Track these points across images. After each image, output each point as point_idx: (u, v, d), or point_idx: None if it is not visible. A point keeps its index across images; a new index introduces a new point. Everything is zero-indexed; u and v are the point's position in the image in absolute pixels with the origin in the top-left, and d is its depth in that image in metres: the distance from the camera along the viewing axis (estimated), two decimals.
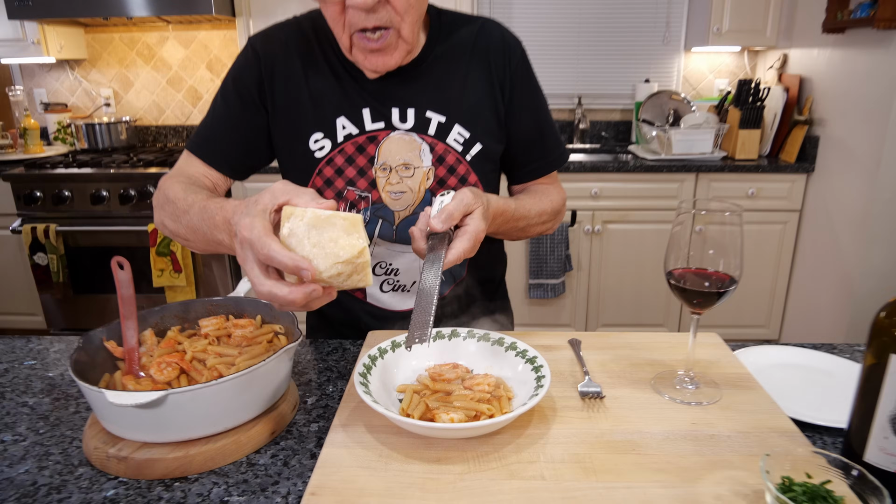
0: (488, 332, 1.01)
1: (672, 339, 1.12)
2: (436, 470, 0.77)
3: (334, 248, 0.76)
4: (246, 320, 1.09)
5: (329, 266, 0.76)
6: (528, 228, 1.18)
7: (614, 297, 3.34)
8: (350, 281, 0.79)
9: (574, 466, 0.77)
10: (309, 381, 1.08)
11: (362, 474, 0.76)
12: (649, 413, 0.89)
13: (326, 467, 0.78)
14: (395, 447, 0.81)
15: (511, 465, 0.77)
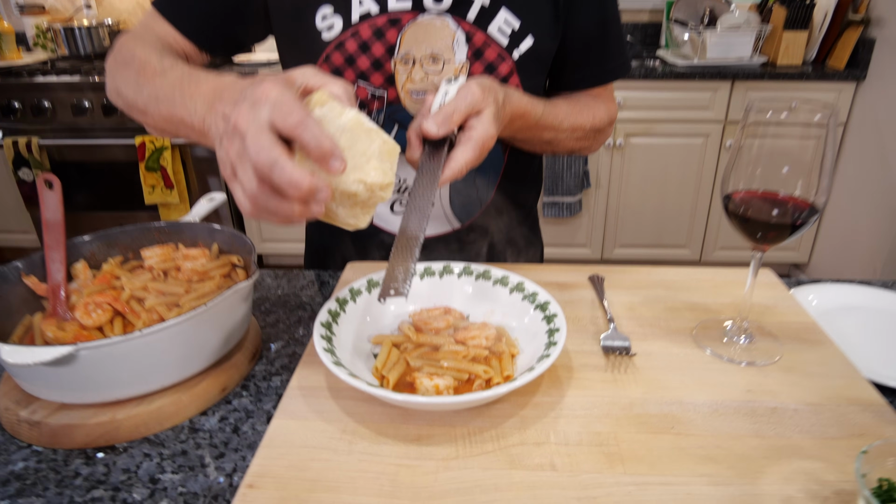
0: (489, 269, 0.81)
1: (716, 275, 0.92)
2: (414, 453, 0.59)
3: (363, 164, 0.59)
4: (198, 250, 0.90)
5: (350, 180, 0.59)
6: (557, 142, 0.94)
7: (634, 216, 3.12)
8: (350, 211, 0.62)
9: (594, 451, 0.59)
10: (276, 323, 0.90)
11: (318, 458, 0.59)
12: (691, 376, 0.70)
13: (273, 447, 0.60)
14: (365, 419, 0.63)
15: (512, 449, 0.59)
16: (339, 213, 0.60)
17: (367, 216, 0.62)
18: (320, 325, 0.68)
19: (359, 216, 0.62)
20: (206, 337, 0.72)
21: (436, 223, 1.01)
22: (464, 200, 0.99)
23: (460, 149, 0.69)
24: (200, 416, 0.70)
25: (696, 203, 3.04)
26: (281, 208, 0.52)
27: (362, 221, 0.62)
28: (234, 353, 0.78)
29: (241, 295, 0.76)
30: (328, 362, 0.61)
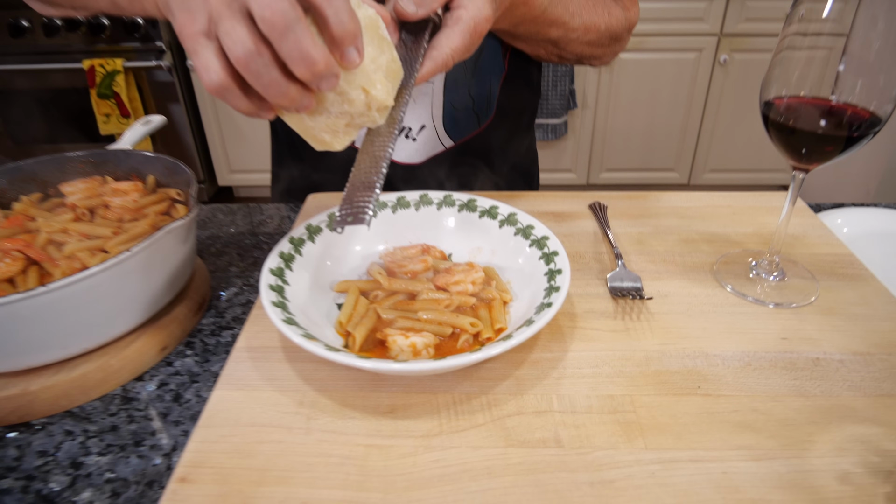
0: (474, 198, 0.67)
1: (735, 201, 0.80)
2: (387, 430, 0.48)
3: (371, 72, 0.47)
4: (130, 184, 0.76)
5: (353, 84, 0.47)
6: (566, 43, 0.78)
7: (622, 138, 2.98)
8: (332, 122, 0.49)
9: (608, 421, 0.48)
10: (228, 266, 0.77)
11: (269, 440, 0.47)
12: (716, 321, 0.59)
13: (213, 426, 0.49)
14: (327, 387, 0.52)
15: (507, 421, 0.48)
16: (319, 121, 0.48)
17: (347, 138, 0.50)
18: (269, 272, 0.55)
19: (338, 133, 0.49)
20: (138, 287, 0.60)
21: (426, 144, 0.86)
22: (459, 115, 0.84)
23: (446, 33, 0.54)
24: (135, 383, 0.59)
25: (687, 123, 2.90)
26: (274, 86, 0.42)
27: (339, 142, 0.50)
28: (175, 305, 0.66)
29: (177, 236, 0.63)
30: (277, 320, 0.49)
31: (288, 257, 0.58)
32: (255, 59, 0.40)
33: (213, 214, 0.89)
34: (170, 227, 0.60)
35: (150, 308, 0.62)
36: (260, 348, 0.56)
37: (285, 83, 0.41)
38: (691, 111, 2.87)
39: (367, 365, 0.45)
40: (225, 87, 0.42)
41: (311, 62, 0.40)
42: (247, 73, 0.41)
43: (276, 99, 0.42)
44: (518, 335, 0.48)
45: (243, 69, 0.40)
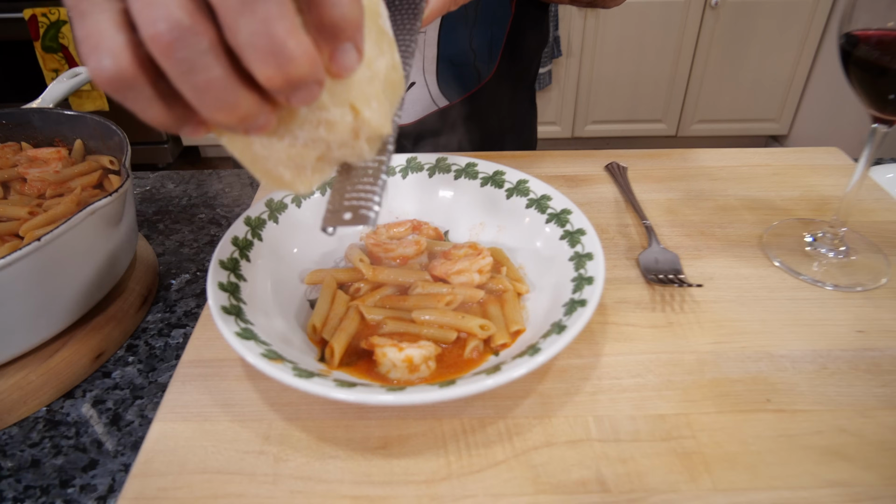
0: (474, 161, 0.55)
1: (773, 158, 0.68)
2: (379, 474, 0.37)
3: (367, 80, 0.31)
4: (51, 150, 0.63)
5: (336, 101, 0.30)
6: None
7: (608, 88, 2.84)
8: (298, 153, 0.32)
9: (662, 451, 0.38)
10: (180, 247, 0.64)
11: (224, 494, 0.36)
12: (775, 311, 0.48)
13: (150, 475, 0.37)
14: (298, 415, 0.40)
15: (534, 455, 0.37)
16: (276, 149, 0.31)
17: (318, 177, 0.33)
18: (219, 266, 0.43)
19: (304, 169, 0.32)
20: (61, 282, 0.48)
21: (416, 103, 0.72)
22: (456, 71, 0.71)
23: None
24: (62, 402, 0.48)
25: (676, 71, 2.77)
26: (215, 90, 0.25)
27: (302, 182, 0.33)
28: (111, 301, 0.55)
29: (106, 216, 0.50)
30: (229, 333, 0.37)
31: (244, 244, 0.46)
32: (187, 39, 0.24)
33: (160, 184, 0.76)
34: (94, 206, 0.47)
35: (79, 306, 0.51)
36: (213, 362, 0.44)
37: (234, 87, 0.25)
38: (680, 58, 2.74)
39: (351, 398, 0.33)
40: (126, 81, 0.25)
41: (286, 56, 0.24)
42: (169, 63, 0.24)
43: (213, 110, 0.26)
44: (546, 347, 0.36)
45: (163, 55, 0.24)
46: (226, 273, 0.42)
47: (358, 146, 0.32)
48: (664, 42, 2.72)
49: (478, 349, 0.42)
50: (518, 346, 0.41)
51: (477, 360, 0.41)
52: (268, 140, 0.30)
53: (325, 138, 0.30)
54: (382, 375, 0.40)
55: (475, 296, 0.45)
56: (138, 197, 0.73)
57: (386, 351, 0.40)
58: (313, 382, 0.34)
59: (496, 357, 0.41)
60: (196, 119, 0.27)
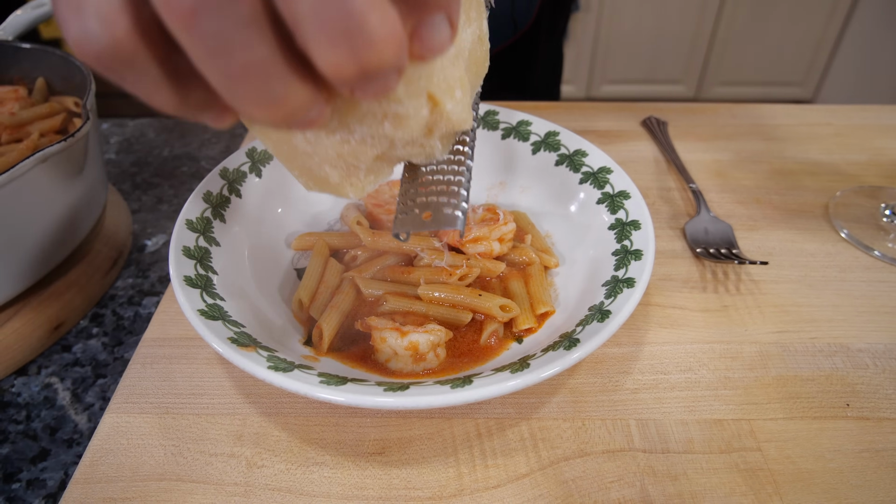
0: (495, 110, 0.47)
1: (834, 116, 0.60)
2: (375, 487, 0.30)
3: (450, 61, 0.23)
4: (8, 89, 0.56)
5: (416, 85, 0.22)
6: None
7: (626, 47, 2.71)
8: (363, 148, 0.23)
9: (720, 466, 0.31)
10: (158, 204, 0.58)
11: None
12: (848, 295, 0.41)
13: (96, 481, 0.30)
14: (279, 409, 0.33)
15: (564, 467, 0.30)
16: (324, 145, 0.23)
17: (371, 180, 0.25)
18: (186, 226, 0.35)
19: (357, 170, 0.25)
20: (9, 241, 0.41)
21: None
22: (494, 24, 0.62)
23: None
24: (13, 379, 0.42)
25: (699, 29, 2.64)
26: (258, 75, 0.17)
27: (354, 187, 0.25)
28: (74, 264, 0.49)
29: (60, 165, 0.43)
30: (190, 310, 0.29)
31: (218, 201, 0.38)
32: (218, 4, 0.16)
33: (139, 133, 0.68)
34: (46, 153, 0.40)
35: (34, 269, 0.45)
36: (181, 340, 0.37)
37: (282, 75, 0.18)
38: (704, 16, 2.60)
39: (340, 398, 0.26)
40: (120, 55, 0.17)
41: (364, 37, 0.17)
42: (190, 37, 0.17)
43: (250, 103, 0.18)
44: (586, 339, 0.29)
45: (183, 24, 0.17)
46: (194, 235, 0.35)
47: (430, 144, 0.24)
48: None
49: (497, 335, 0.35)
50: (546, 332, 0.34)
51: (496, 349, 0.34)
52: (315, 134, 0.22)
53: (390, 135, 0.22)
54: (381, 365, 0.33)
55: (495, 269, 0.37)
56: (114, 146, 0.66)
57: (386, 335, 0.32)
58: (292, 377, 0.27)
59: (519, 345, 0.34)
60: (221, 106, 0.19)
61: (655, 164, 0.53)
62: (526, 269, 0.38)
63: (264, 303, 0.35)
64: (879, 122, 0.59)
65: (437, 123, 0.24)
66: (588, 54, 2.82)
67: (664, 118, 0.58)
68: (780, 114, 0.60)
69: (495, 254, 0.39)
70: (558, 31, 0.77)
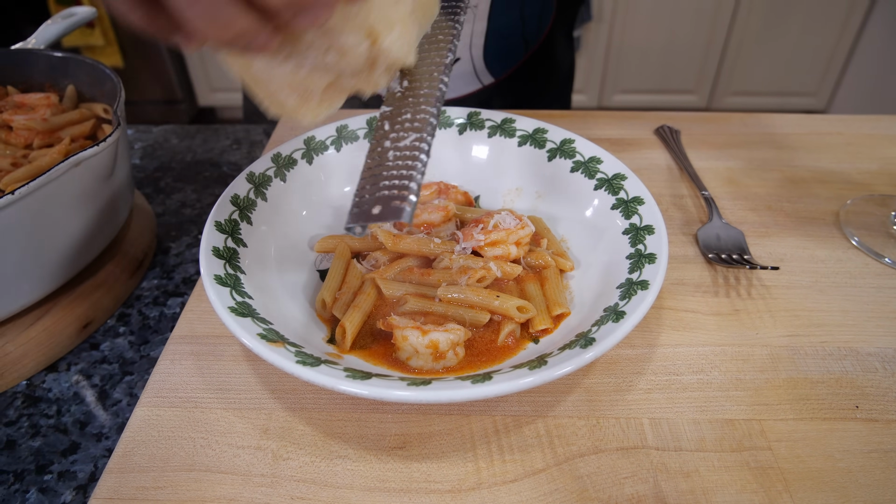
0: (511, 118, 0.48)
1: (847, 126, 0.61)
2: (396, 479, 0.31)
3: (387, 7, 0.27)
4: (40, 96, 0.58)
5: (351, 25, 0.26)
6: None
7: (638, 57, 2.72)
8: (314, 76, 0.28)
9: (731, 464, 0.31)
10: (181, 208, 0.59)
11: (214, 498, 0.30)
12: (858, 300, 0.42)
13: (129, 470, 0.32)
14: (303, 404, 0.35)
15: (579, 464, 0.31)
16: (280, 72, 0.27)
17: (325, 107, 0.29)
18: (215, 228, 0.37)
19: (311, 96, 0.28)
20: (43, 242, 0.43)
21: (458, 80, 0.66)
22: (504, 43, 0.64)
23: None
24: (44, 375, 0.43)
25: (711, 39, 2.64)
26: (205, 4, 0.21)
27: (309, 110, 0.29)
28: (101, 265, 0.51)
29: (93, 170, 0.45)
30: (222, 308, 0.31)
31: (245, 204, 0.40)
32: None
33: (164, 139, 0.70)
34: (80, 157, 0.42)
35: (64, 270, 0.47)
36: (208, 338, 0.39)
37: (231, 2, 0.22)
38: (716, 27, 2.61)
39: (364, 392, 0.27)
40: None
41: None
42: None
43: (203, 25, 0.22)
44: (602, 338, 0.30)
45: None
46: (223, 237, 0.36)
47: (373, 76, 0.27)
48: (700, 8, 2.59)
49: (514, 335, 0.36)
50: (562, 332, 0.35)
51: (513, 348, 0.35)
52: (270, 61, 0.26)
53: (336, 65, 0.26)
54: (402, 362, 0.34)
55: (512, 272, 0.39)
56: (139, 152, 0.68)
57: (407, 334, 0.34)
58: (319, 371, 0.28)
59: (536, 345, 0.35)
60: (186, 31, 0.23)
61: (668, 171, 0.54)
62: (542, 272, 0.40)
63: (289, 301, 0.37)
64: (890, 131, 0.60)
65: (378, 57, 0.27)
66: (600, 64, 2.83)
67: (677, 127, 0.59)
68: (791, 123, 0.61)
69: (512, 257, 0.40)
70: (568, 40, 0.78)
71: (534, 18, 0.67)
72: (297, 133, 0.51)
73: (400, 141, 0.29)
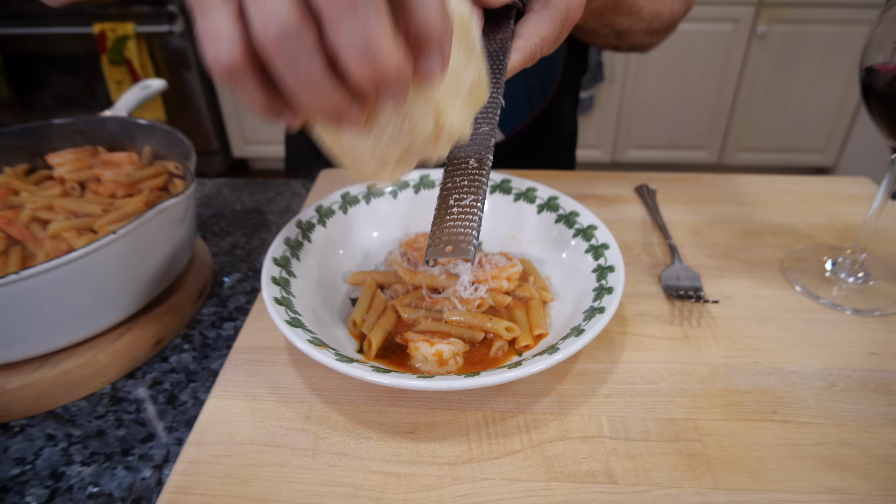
0: (508, 178, 0.59)
1: (801, 186, 0.70)
2: (407, 454, 0.41)
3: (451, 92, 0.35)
4: (124, 155, 0.69)
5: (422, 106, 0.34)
6: (629, 34, 0.71)
7: (649, 114, 2.84)
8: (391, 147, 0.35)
9: (669, 451, 0.40)
10: (233, 248, 0.70)
11: (269, 462, 0.40)
12: (790, 330, 0.51)
13: (205, 443, 0.42)
14: (338, 398, 0.44)
15: (549, 447, 0.41)
16: (363, 143, 0.34)
17: (399, 171, 0.36)
18: (273, 262, 0.48)
19: (388, 164, 0.35)
20: (129, 273, 0.53)
21: None
22: (511, 106, 0.76)
23: (533, 18, 0.44)
24: (125, 381, 0.53)
25: (719, 99, 2.76)
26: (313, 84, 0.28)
27: (386, 174, 0.36)
28: (171, 293, 0.59)
29: (172, 215, 0.56)
30: (280, 321, 0.41)
31: (295, 244, 0.51)
32: (292, 39, 0.26)
33: (217, 190, 0.82)
34: (163, 206, 0.52)
35: (144, 296, 0.55)
36: (262, 349, 0.49)
37: (331, 84, 0.28)
38: (724, 86, 2.73)
39: (385, 381, 0.38)
40: (237, 70, 0.28)
41: (378, 59, 0.27)
42: (275, 58, 0.27)
43: (310, 101, 0.29)
44: (565, 347, 0.40)
45: (272, 51, 0.27)
46: (278, 269, 0.47)
47: (438, 147, 0.35)
48: (708, 70, 2.71)
49: (503, 349, 0.46)
50: (540, 348, 0.45)
51: (502, 359, 0.45)
52: (356, 134, 0.33)
53: (408, 138, 0.33)
54: (414, 368, 0.44)
55: (503, 301, 0.49)
56: (197, 201, 0.79)
57: (418, 345, 0.44)
58: (353, 367, 0.38)
59: (519, 357, 0.45)
60: (294, 109, 0.30)
61: (643, 223, 0.64)
62: (528, 301, 0.50)
63: (328, 320, 0.47)
64: (840, 191, 0.69)
65: (441, 132, 0.34)
66: (613, 121, 2.94)
67: (654, 186, 0.69)
68: (753, 182, 0.71)
69: (504, 289, 0.50)
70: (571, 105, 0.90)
71: (537, 86, 0.78)
72: (335, 189, 0.62)
73: (462, 200, 0.38)
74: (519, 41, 0.42)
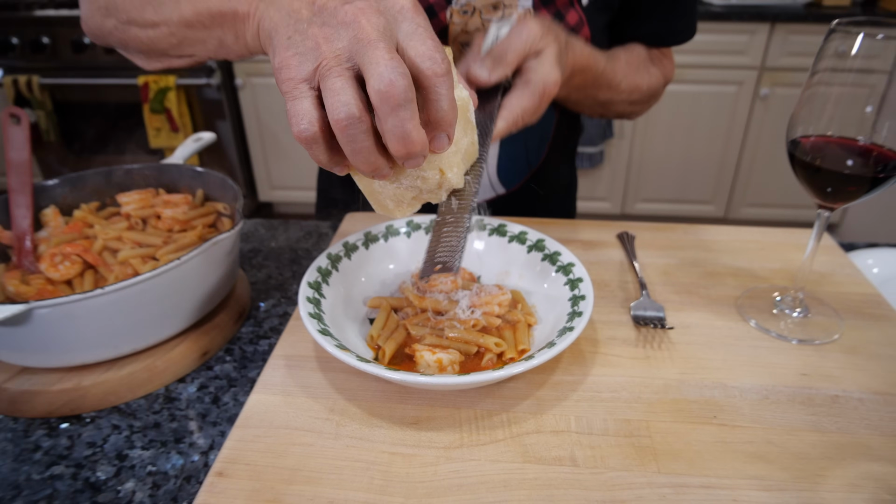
0: (504, 223, 0.70)
1: (764, 236, 0.81)
2: (411, 440, 0.50)
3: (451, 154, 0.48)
4: (181, 196, 0.81)
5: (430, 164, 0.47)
6: (611, 105, 0.82)
7: (658, 169, 2.97)
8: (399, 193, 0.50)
9: (623, 444, 0.50)
10: (268, 278, 0.81)
11: (300, 442, 0.50)
12: (736, 354, 0.60)
13: (249, 426, 0.52)
14: (356, 396, 0.55)
15: (526, 438, 0.50)
16: (388, 189, 0.48)
17: (410, 209, 0.51)
18: (307, 285, 0.59)
19: (403, 203, 0.49)
20: (183, 295, 0.63)
21: (482, 189, 0.91)
22: (512, 164, 0.88)
23: (516, 94, 0.56)
24: (177, 384, 0.63)
25: (725, 156, 2.88)
26: (364, 154, 0.40)
27: (401, 211, 0.50)
28: (217, 313, 0.69)
29: (222, 248, 0.67)
30: (313, 330, 0.52)
31: (325, 272, 0.62)
32: (355, 125, 0.38)
33: (255, 229, 0.94)
34: (217, 239, 0.64)
35: (195, 314, 0.66)
36: (295, 357, 0.60)
37: (375, 153, 0.40)
38: (729, 144, 2.85)
39: (395, 376, 0.48)
40: (314, 140, 0.40)
41: (410, 142, 0.39)
42: (341, 135, 0.39)
43: (360, 164, 0.41)
44: (539, 356, 0.50)
45: (340, 131, 0.38)
46: (311, 291, 0.58)
47: (440, 193, 0.49)
48: (714, 129, 2.84)
49: (492, 360, 0.56)
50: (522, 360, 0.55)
51: (490, 368, 0.55)
52: (383, 182, 0.47)
53: (420, 186, 0.47)
54: (419, 372, 0.54)
55: (494, 322, 0.59)
56: None
57: (423, 354, 0.54)
58: (370, 365, 0.49)
59: None
60: (346, 164, 0.43)
61: (620, 265, 0.75)
62: (515, 324, 0.60)
63: (350, 334, 0.58)
64: (796, 241, 0.79)
65: (443, 183, 0.48)
66: (623, 175, 3.06)
67: (633, 233, 0.80)
68: (720, 233, 0.81)
69: (496, 314, 0.60)
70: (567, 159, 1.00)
71: (534, 147, 0.91)
72: (359, 230, 0.74)
73: (450, 234, 0.51)
74: (504, 111, 0.55)
